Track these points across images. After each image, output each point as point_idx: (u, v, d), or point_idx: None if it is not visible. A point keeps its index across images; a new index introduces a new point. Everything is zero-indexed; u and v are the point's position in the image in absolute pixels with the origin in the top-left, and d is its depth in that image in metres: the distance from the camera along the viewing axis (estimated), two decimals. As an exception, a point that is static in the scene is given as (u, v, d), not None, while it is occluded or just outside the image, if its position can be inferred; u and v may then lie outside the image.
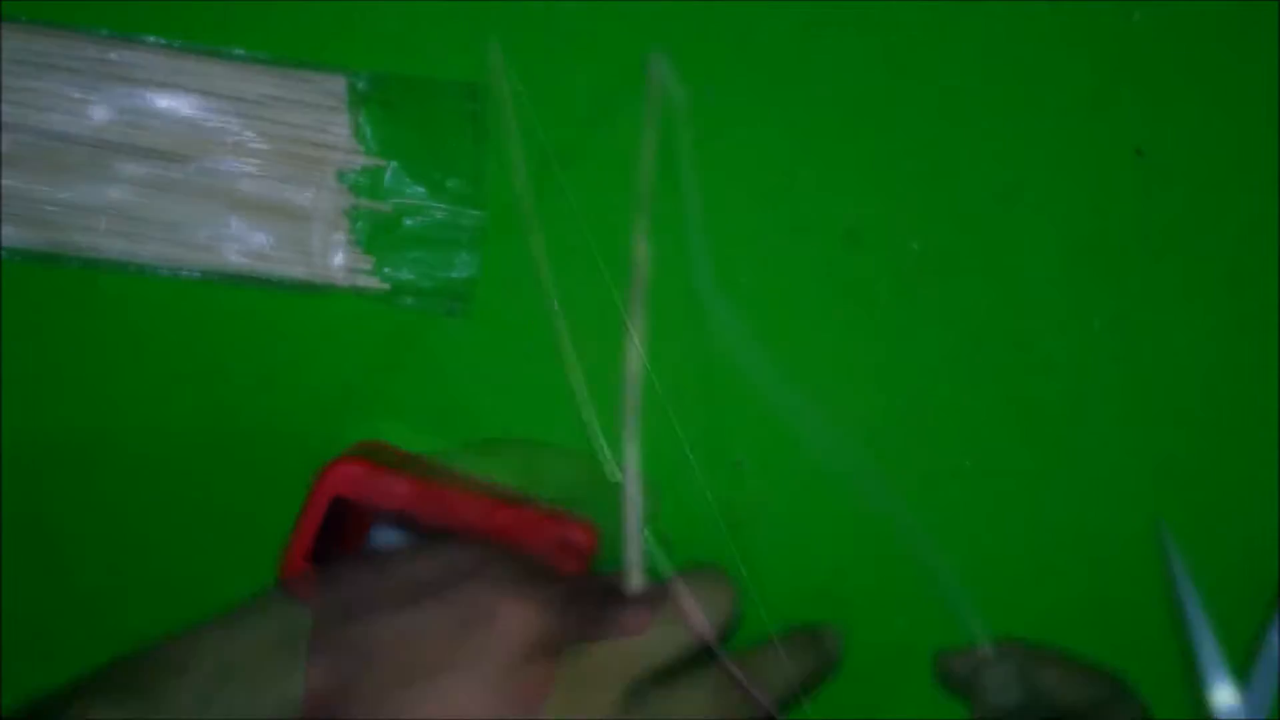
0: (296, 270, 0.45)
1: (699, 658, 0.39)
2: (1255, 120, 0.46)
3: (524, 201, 0.45)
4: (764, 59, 0.45)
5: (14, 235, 0.44)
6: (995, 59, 0.46)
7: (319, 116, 0.45)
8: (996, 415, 0.46)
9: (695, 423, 0.46)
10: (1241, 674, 0.45)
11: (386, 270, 0.45)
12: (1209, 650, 0.44)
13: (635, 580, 0.40)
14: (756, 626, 0.43)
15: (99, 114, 0.44)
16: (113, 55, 0.44)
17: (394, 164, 0.45)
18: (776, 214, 0.46)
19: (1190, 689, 0.46)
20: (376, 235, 0.45)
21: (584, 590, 0.39)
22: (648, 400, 0.45)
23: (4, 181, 0.44)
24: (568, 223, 0.45)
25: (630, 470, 0.42)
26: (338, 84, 0.44)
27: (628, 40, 0.45)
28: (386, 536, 0.43)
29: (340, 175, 0.45)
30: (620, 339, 0.44)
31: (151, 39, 0.44)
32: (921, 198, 0.46)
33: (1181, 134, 0.46)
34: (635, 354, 0.43)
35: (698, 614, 0.38)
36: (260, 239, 0.45)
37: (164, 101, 0.44)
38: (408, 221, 0.45)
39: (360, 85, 0.44)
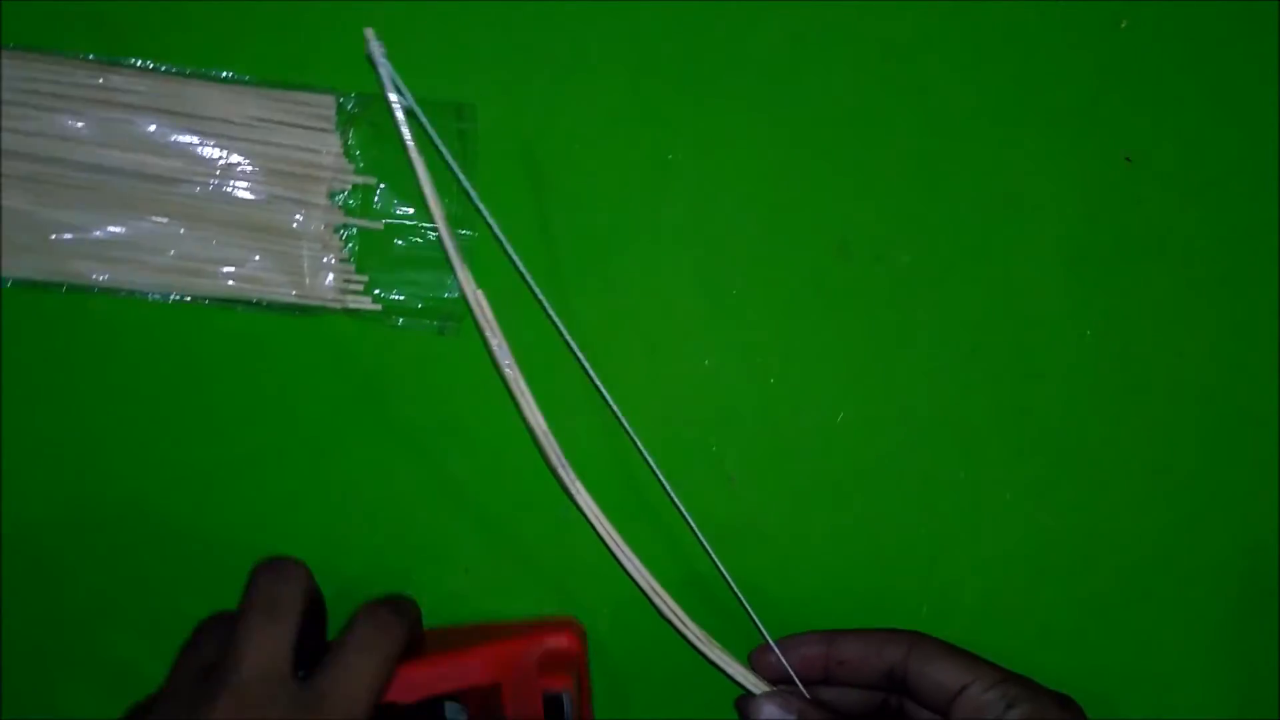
0: (288, 292, 0.45)
1: None
2: (1244, 127, 0.46)
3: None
4: (755, 69, 0.45)
5: (5, 260, 0.44)
6: (985, 69, 0.46)
7: (308, 138, 0.45)
8: (990, 425, 0.46)
9: (688, 439, 0.46)
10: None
11: (378, 291, 0.45)
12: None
13: None
14: (750, 640, 0.43)
15: (89, 139, 0.44)
16: (101, 80, 0.44)
17: (384, 185, 0.45)
18: (769, 225, 0.46)
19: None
20: (368, 255, 0.45)
21: None
22: (644, 416, 0.45)
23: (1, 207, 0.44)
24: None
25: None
26: (327, 105, 0.44)
27: (620, 54, 0.45)
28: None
29: (331, 195, 0.45)
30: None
31: (139, 63, 0.44)
32: (912, 208, 0.46)
33: (1170, 141, 0.46)
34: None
35: None
36: (252, 261, 0.45)
37: (153, 125, 0.44)
38: (399, 241, 0.45)
39: (349, 106, 0.44)
